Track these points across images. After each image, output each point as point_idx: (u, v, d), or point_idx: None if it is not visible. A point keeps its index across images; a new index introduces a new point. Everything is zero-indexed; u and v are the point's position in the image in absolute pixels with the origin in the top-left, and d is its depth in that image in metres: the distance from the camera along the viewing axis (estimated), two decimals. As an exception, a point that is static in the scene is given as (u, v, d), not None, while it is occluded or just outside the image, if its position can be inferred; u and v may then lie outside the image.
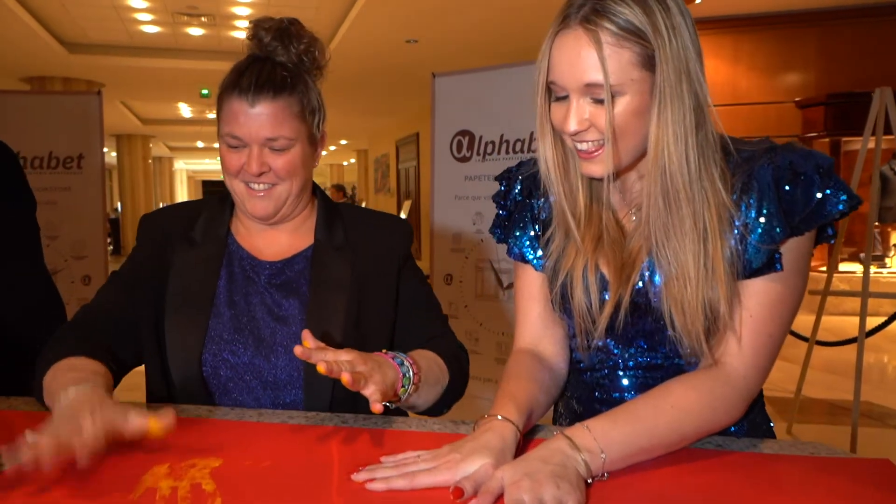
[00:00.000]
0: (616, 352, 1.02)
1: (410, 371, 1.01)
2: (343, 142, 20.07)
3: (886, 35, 7.38)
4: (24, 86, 10.12)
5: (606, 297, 0.99)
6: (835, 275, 3.80)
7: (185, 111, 14.37)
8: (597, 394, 1.06)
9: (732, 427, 0.98)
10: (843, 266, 7.28)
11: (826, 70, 7.60)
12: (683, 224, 0.90)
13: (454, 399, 1.17)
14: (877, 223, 6.76)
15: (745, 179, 0.91)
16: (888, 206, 7.46)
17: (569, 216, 0.99)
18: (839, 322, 5.83)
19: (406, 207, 13.32)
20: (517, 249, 1.10)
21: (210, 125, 15.21)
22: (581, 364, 1.07)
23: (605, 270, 0.99)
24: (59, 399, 0.89)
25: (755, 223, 0.90)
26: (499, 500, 0.75)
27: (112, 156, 17.07)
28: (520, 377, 1.00)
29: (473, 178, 3.45)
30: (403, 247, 1.27)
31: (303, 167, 1.16)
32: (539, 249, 1.08)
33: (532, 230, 1.09)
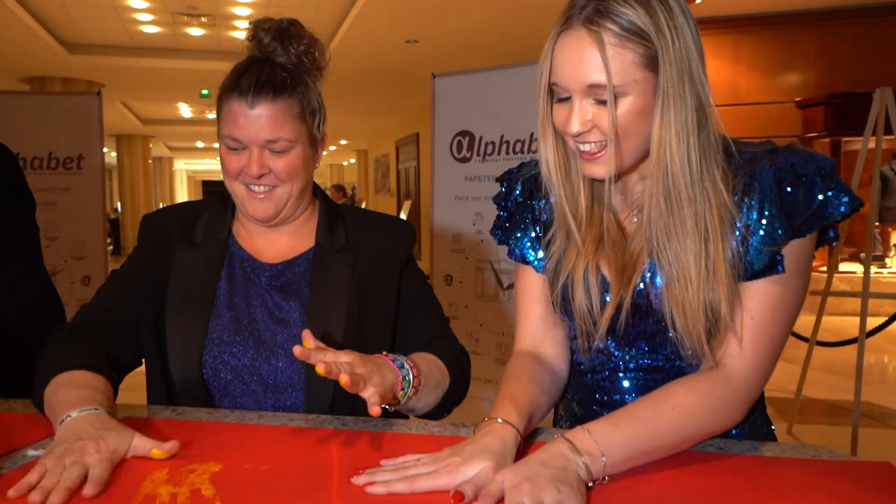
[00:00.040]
0: (617, 354, 1.02)
1: (410, 374, 1.00)
2: (343, 142, 20.07)
3: (886, 35, 7.38)
4: (24, 86, 10.12)
5: (607, 299, 0.98)
6: (835, 275, 3.79)
7: (185, 111, 14.37)
8: (597, 396, 1.06)
9: (734, 430, 0.98)
10: (844, 266, 7.28)
11: (826, 70, 7.60)
12: (685, 225, 0.90)
13: (455, 403, 1.17)
14: (877, 223, 6.76)
15: (747, 181, 0.91)
16: (888, 207, 7.46)
17: (570, 218, 0.99)
18: (839, 322, 5.83)
19: (406, 207, 13.31)
20: (518, 251, 1.10)
21: (210, 125, 15.21)
22: (582, 366, 1.07)
23: (606, 272, 0.99)
24: (62, 420, 0.89)
25: (756, 225, 0.89)
26: (499, 504, 0.75)
27: (112, 156, 17.08)
28: (520, 379, 0.99)
29: (473, 179, 3.44)
30: (405, 248, 1.26)
31: (303, 169, 1.16)
32: (540, 251, 1.07)
33: (533, 231, 1.09)
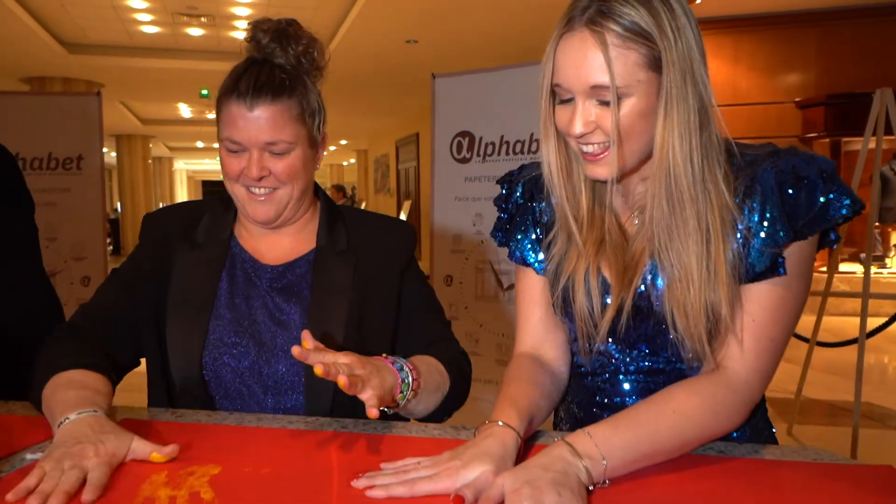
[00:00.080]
0: (618, 356, 1.02)
1: (410, 377, 1.00)
2: (343, 142, 20.07)
3: (887, 35, 7.37)
4: (24, 86, 10.12)
5: (608, 301, 0.98)
6: (835, 275, 3.79)
7: (185, 111, 14.37)
8: (598, 398, 1.05)
9: (734, 432, 0.98)
10: (844, 266, 7.28)
11: (826, 70, 7.59)
12: (687, 225, 0.89)
13: (455, 407, 1.16)
14: (877, 223, 6.76)
15: (748, 183, 0.91)
16: (888, 207, 7.46)
17: (571, 219, 0.99)
18: (839, 322, 5.82)
19: (406, 208, 13.31)
20: (518, 253, 1.10)
21: (210, 125, 15.21)
22: (582, 368, 1.06)
23: (607, 274, 0.99)
24: (61, 423, 0.89)
25: (758, 227, 0.89)
26: (499, 508, 0.75)
27: (112, 156, 17.08)
28: (521, 382, 0.99)
29: (473, 180, 3.44)
30: (406, 250, 1.26)
31: (303, 170, 1.15)
32: (540, 253, 1.07)
33: (533, 233, 1.08)
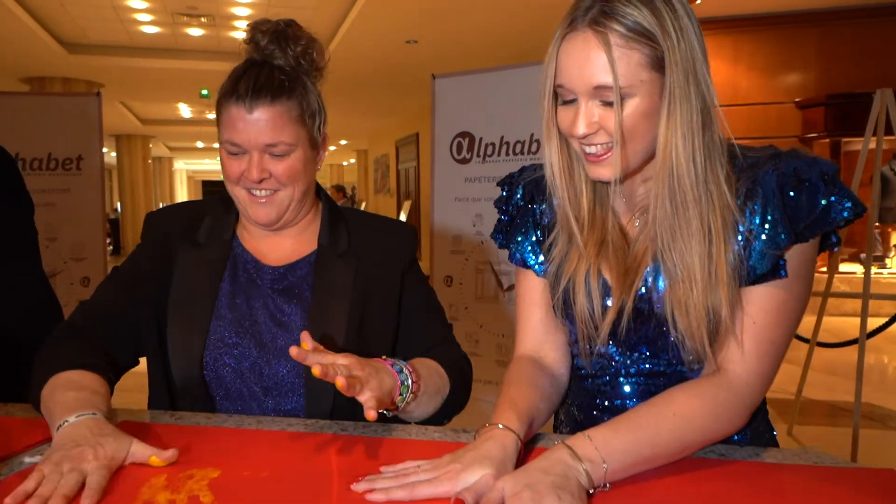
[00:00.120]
0: (618, 359, 1.02)
1: (409, 379, 1.00)
2: (343, 142, 20.06)
3: (887, 35, 7.37)
4: (24, 86, 10.12)
5: (609, 303, 0.98)
6: (835, 276, 3.79)
7: (185, 111, 14.37)
8: (598, 401, 1.05)
9: (735, 435, 0.98)
10: (844, 266, 7.28)
11: (826, 70, 7.59)
12: (690, 225, 0.89)
13: (455, 410, 1.16)
14: (877, 224, 6.76)
15: (750, 185, 0.90)
16: (888, 207, 7.46)
17: (573, 220, 0.98)
18: (839, 323, 5.82)
19: (406, 208, 13.30)
20: (519, 255, 1.09)
21: (210, 125, 15.20)
22: (583, 371, 1.06)
23: (608, 276, 0.99)
24: (60, 426, 0.89)
25: (759, 229, 0.89)
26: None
27: (112, 156, 17.07)
28: (521, 384, 0.99)
29: (473, 180, 3.44)
30: (408, 252, 1.25)
31: (304, 172, 1.15)
32: (541, 255, 1.07)
33: (534, 235, 1.08)
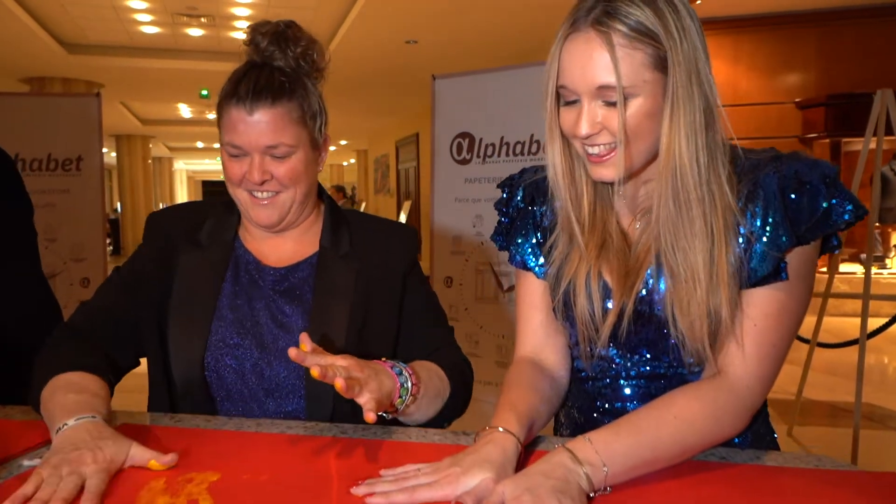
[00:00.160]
0: (619, 361, 1.01)
1: (409, 382, 0.99)
2: (343, 142, 20.06)
3: (887, 36, 7.37)
4: (24, 86, 10.11)
5: (609, 306, 0.98)
6: (835, 276, 3.79)
7: (185, 112, 14.36)
8: (598, 403, 1.05)
9: (736, 438, 0.97)
10: (844, 267, 7.28)
11: (826, 71, 7.59)
12: (693, 225, 0.89)
13: (455, 414, 1.15)
14: (877, 224, 6.76)
15: (751, 187, 0.90)
16: (888, 207, 7.45)
17: (574, 222, 0.98)
18: (840, 323, 5.82)
19: (406, 208, 13.30)
20: (519, 257, 1.09)
21: (209, 125, 15.20)
22: (583, 373, 1.06)
23: (608, 278, 0.98)
24: (59, 429, 0.88)
25: (760, 231, 0.89)
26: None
27: (112, 156, 17.07)
28: (521, 387, 0.99)
29: (473, 181, 3.43)
30: (409, 255, 1.25)
31: (306, 173, 1.15)
32: (541, 257, 1.07)
33: (534, 237, 1.08)
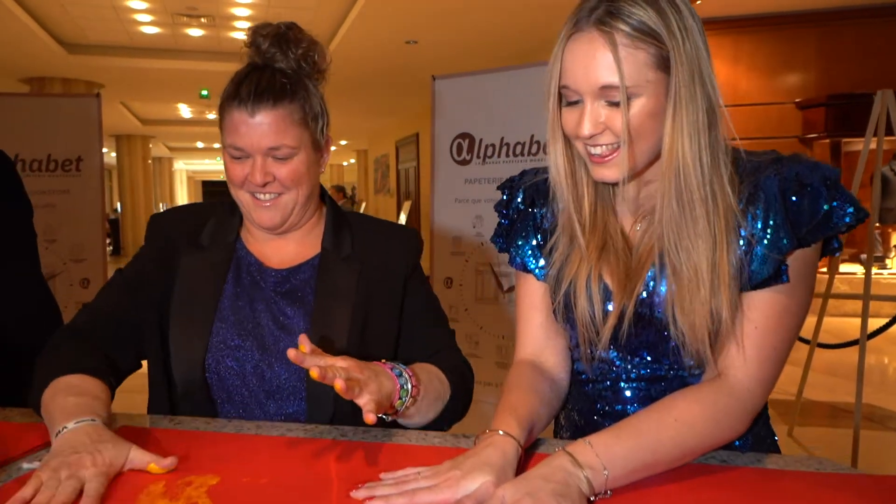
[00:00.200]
0: (619, 363, 1.01)
1: (409, 384, 0.99)
2: (343, 142, 20.07)
3: (888, 36, 7.37)
4: (24, 87, 10.11)
5: (610, 308, 0.97)
6: (836, 276, 3.78)
7: (185, 112, 14.36)
8: (598, 406, 1.05)
9: (737, 441, 0.97)
10: (844, 267, 7.28)
11: (826, 71, 7.59)
12: (697, 225, 0.89)
13: (456, 417, 1.15)
14: (877, 224, 6.76)
15: (752, 189, 0.90)
16: (888, 208, 7.45)
17: (576, 223, 0.98)
18: (840, 323, 5.82)
19: (406, 208, 13.30)
20: (519, 259, 1.09)
21: (209, 125, 15.20)
22: (583, 376, 1.06)
23: (609, 280, 0.98)
24: (59, 432, 0.88)
25: (761, 234, 0.89)
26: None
27: (112, 156, 17.07)
28: (521, 390, 0.99)
29: (474, 182, 3.43)
30: (411, 257, 1.25)
31: (308, 174, 1.15)
32: (541, 259, 1.07)
33: (534, 239, 1.08)
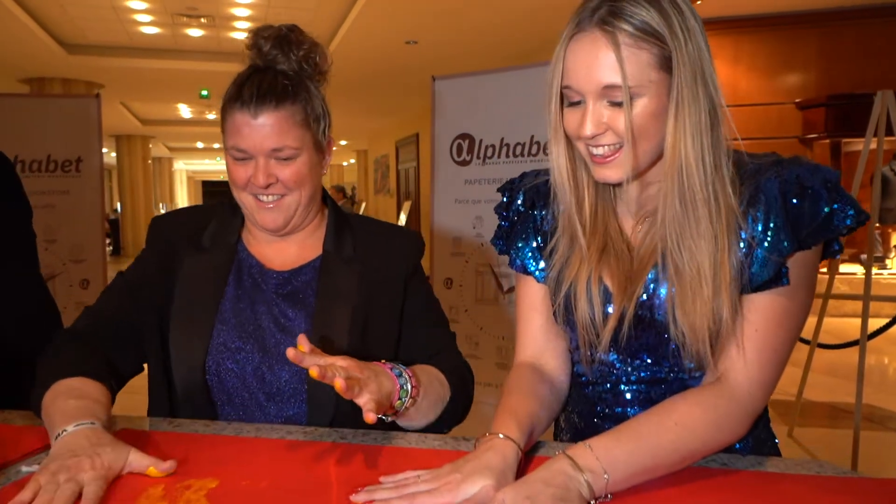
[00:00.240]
0: (619, 366, 1.01)
1: (409, 384, 0.99)
2: (343, 142, 20.06)
3: (888, 36, 7.36)
4: (23, 87, 10.10)
5: (610, 310, 0.97)
6: (836, 276, 3.78)
7: (185, 112, 14.35)
8: (598, 408, 1.05)
9: (737, 444, 0.97)
10: (844, 267, 7.27)
11: (827, 71, 7.58)
12: (699, 225, 0.89)
13: (456, 420, 1.15)
14: (877, 224, 6.75)
15: (752, 192, 0.90)
16: (888, 208, 7.45)
17: (577, 224, 0.98)
18: (840, 324, 5.82)
19: (406, 208, 13.30)
20: (519, 261, 1.09)
21: (209, 125, 15.19)
22: (583, 378, 1.06)
23: (609, 283, 0.98)
24: (58, 435, 0.88)
25: (762, 236, 0.89)
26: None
27: (112, 156, 17.06)
28: (521, 393, 0.99)
29: (474, 182, 3.43)
30: (412, 259, 1.25)
31: (310, 176, 1.15)
32: (541, 261, 1.06)
33: (534, 241, 1.08)
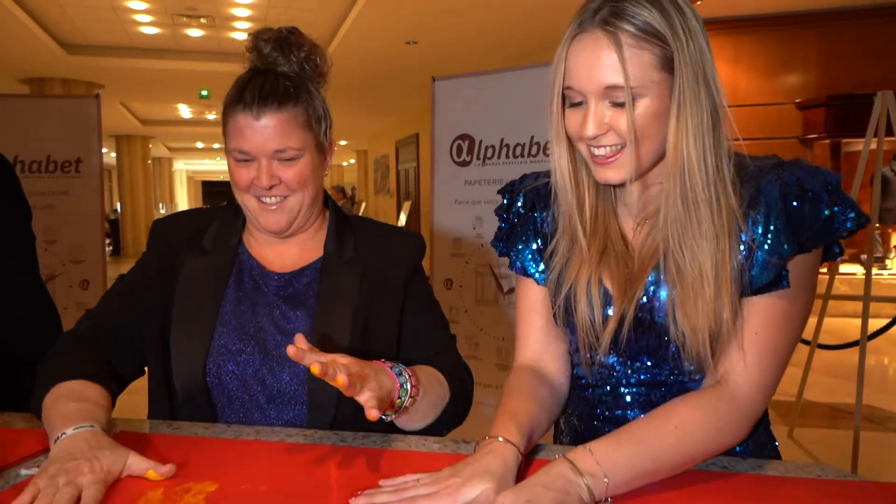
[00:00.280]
0: (619, 368, 1.01)
1: (409, 383, 0.99)
2: (343, 142, 20.06)
3: (888, 36, 7.36)
4: (23, 87, 10.10)
5: (610, 313, 0.97)
6: (836, 277, 3.78)
7: (185, 112, 14.35)
8: (598, 411, 1.04)
9: (738, 447, 0.97)
10: (844, 267, 7.27)
11: (827, 71, 7.59)
12: (701, 226, 0.89)
13: (455, 421, 1.15)
14: (877, 225, 6.75)
15: (753, 194, 0.90)
16: (888, 208, 7.45)
17: (578, 225, 0.98)
18: (840, 324, 5.82)
19: (406, 208, 13.30)
20: (519, 263, 1.09)
21: (209, 126, 15.18)
22: (583, 380, 1.06)
23: (609, 285, 0.98)
24: (58, 438, 0.88)
25: (762, 239, 0.88)
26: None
27: (112, 156, 17.06)
28: (521, 395, 0.98)
29: (473, 183, 3.43)
30: (413, 260, 1.25)
31: (313, 177, 1.16)
32: (541, 263, 1.06)
33: (534, 243, 1.08)
